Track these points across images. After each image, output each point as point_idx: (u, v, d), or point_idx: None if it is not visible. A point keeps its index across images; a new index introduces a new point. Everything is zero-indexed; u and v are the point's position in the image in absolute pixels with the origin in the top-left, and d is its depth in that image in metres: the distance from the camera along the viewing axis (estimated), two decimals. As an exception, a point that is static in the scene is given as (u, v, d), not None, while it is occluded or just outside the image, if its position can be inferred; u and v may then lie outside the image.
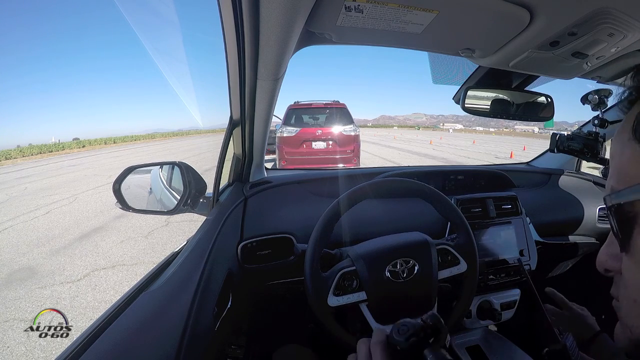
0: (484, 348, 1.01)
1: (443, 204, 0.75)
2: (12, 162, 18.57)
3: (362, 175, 1.10)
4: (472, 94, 0.90)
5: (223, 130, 0.87)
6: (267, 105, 0.74)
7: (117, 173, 0.81)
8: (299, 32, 0.52)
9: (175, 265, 0.64)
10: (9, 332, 1.98)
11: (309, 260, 0.67)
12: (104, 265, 2.84)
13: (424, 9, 0.49)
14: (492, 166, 1.30)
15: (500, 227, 1.03)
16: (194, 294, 0.55)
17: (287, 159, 5.34)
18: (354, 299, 0.67)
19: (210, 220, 0.81)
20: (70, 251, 3.21)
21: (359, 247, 0.74)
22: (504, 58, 0.67)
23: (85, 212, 4.69)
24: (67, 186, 7.16)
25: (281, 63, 0.59)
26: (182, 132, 60.72)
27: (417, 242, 0.73)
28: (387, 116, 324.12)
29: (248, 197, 0.94)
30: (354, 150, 5.47)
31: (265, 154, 1.01)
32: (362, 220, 0.91)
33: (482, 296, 1.01)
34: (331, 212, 0.70)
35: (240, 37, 0.51)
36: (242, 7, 0.44)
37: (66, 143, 30.64)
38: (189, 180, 0.86)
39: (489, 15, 0.52)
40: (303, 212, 0.94)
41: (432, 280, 0.69)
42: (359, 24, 0.54)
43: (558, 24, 0.52)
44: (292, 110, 5.64)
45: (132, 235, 3.58)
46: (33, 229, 4.00)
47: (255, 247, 0.84)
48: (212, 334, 0.57)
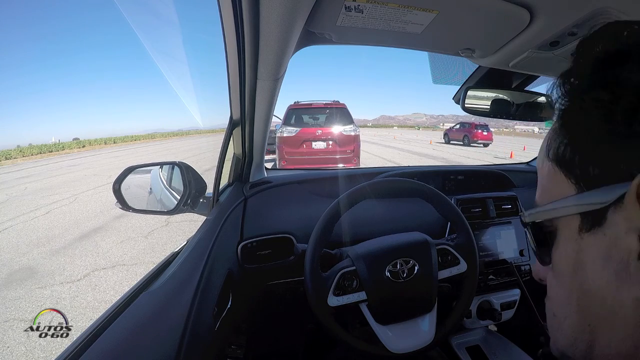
0: (484, 348, 1.01)
1: (443, 204, 0.75)
2: (12, 162, 18.57)
3: (362, 175, 1.10)
4: (472, 94, 0.90)
5: (223, 130, 0.87)
6: (267, 105, 0.74)
7: (117, 173, 0.80)
8: (299, 32, 0.52)
9: (175, 265, 0.64)
10: (9, 332, 1.98)
11: (309, 260, 0.67)
12: (104, 265, 2.84)
13: (424, 9, 0.49)
14: (492, 166, 1.30)
15: (500, 227, 1.03)
16: (194, 294, 0.55)
17: (287, 159, 5.34)
18: (354, 299, 0.67)
19: (210, 220, 0.81)
20: (70, 251, 3.21)
21: (359, 247, 0.74)
22: (504, 58, 0.67)
23: (85, 212, 4.69)
24: (67, 186, 7.16)
25: (281, 63, 0.59)
26: (182, 132, 60.70)
27: (417, 242, 0.73)
28: (387, 116, 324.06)
29: (248, 197, 0.94)
30: (354, 150, 5.47)
31: (265, 154, 1.01)
32: (362, 220, 0.91)
33: (482, 296, 1.01)
34: (331, 212, 0.70)
35: (240, 37, 0.51)
36: (242, 7, 0.44)
37: (66, 143, 30.64)
38: (189, 180, 0.86)
39: (489, 15, 0.52)
40: (303, 212, 0.94)
41: (432, 280, 0.69)
42: (359, 24, 0.54)
43: (558, 24, 0.52)
44: (292, 110, 5.64)
45: (132, 235, 3.58)
46: (33, 229, 4.00)
47: (255, 247, 0.84)
48: (212, 334, 0.57)
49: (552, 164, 0.25)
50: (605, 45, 0.22)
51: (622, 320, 0.21)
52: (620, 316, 0.21)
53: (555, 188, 0.25)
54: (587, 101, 0.22)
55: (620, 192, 0.20)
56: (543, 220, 0.26)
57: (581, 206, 0.22)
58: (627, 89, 0.20)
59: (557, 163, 0.25)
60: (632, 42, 0.21)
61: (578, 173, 0.23)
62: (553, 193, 0.25)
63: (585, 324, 0.24)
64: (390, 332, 0.67)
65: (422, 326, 0.69)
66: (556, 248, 0.26)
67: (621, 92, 0.20)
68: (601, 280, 0.22)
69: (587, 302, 0.23)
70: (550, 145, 0.25)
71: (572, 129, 0.24)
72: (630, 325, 0.20)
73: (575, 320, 0.24)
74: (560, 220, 0.25)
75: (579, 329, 0.24)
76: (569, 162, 0.23)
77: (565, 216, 0.24)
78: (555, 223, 0.25)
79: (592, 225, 0.22)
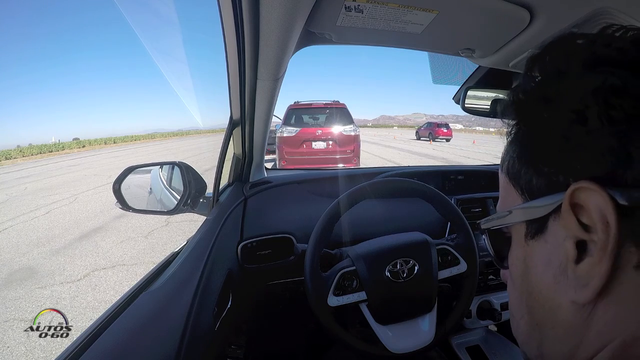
0: (484, 348, 1.01)
1: (443, 204, 0.75)
2: (12, 162, 18.57)
3: (362, 175, 1.10)
4: (472, 94, 0.90)
5: (223, 130, 0.87)
6: (267, 105, 0.74)
7: (117, 173, 0.80)
8: (299, 32, 0.52)
9: (175, 265, 0.64)
10: (9, 332, 1.98)
11: (309, 260, 0.67)
12: (104, 265, 2.83)
13: (424, 9, 0.49)
14: (492, 166, 1.30)
15: None
16: (194, 294, 0.55)
17: (287, 159, 5.33)
18: (354, 299, 0.67)
19: (210, 220, 0.81)
20: (70, 251, 3.21)
21: (359, 247, 0.74)
22: (504, 58, 0.67)
23: (85, 212, 4.69)
24: (67, 186, 7.16)
25: (281, 63, 0.59)
26: (182, 132, 60.68)
27: (417, 242, 0.73)
28: (387, 116, 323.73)
29: (248, 197, 0.94)
30: (354, 150, 5.47)
31: (265, 154, 1.01)
32: (362, 220, 0.91)
33: (482, 296, 1.01)
34: (331, 212, 0.70)
35: (240, 37, 0.51)
36: (242, 7, 0.44)
37: (66, 143, 30.65)
38: (189, 180, 0.86)
39: (489, 15, 0.52)
40: (303, 212, 0.94)
41: (432, 280, 0.69)
42: (359, 24, 0.54)
43: (558, 24, 0.52)
44: (292, 110, 5.63)
45: (132, 235, 3.58)
46: (33, 229, 4.00)
47: (255, 247, 0.84)
48: (212, 334, 0.57)
49: (504, 175, 0.27)
50: (551, 62, 0.23)
51: (561, 321, 0.22)
52: (560, 317, 0.22)
53: (508, 198, 0.26)
54: (530, 117, 0.24)
55: (558, 201, 0.21)
56: (497, 227, 0.28)
57: (526, 214, 0.24)
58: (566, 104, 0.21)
59: (507, 174, 0.26)
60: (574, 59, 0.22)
61: (523, 184, 0.24)
62: (507, 202, 0.27)
63: (534, 324, 0.25)
64: (390, 332, 0.67)
65: (422, 326, 0.69)
66: (510, 253, 0.27)
67: (560, 108, 0.21)
68: (543, 284, 0.23)
69: (533, 304, 0.25)
70: (504, 158, 0.27)
71: (519, 143, 0.25)
72: (569, 325, 0.22)
73: (527, 321, 0.26)
74: (511, 227, 0.27)
75: (531, 327, 0.26)
76: (516, 174, 0.25)
77: (514, 224, 0.26)
78: (510, 229, 0.27)
79: (536, 232, 0.23)
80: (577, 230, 0.20)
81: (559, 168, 0.21)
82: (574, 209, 0.20)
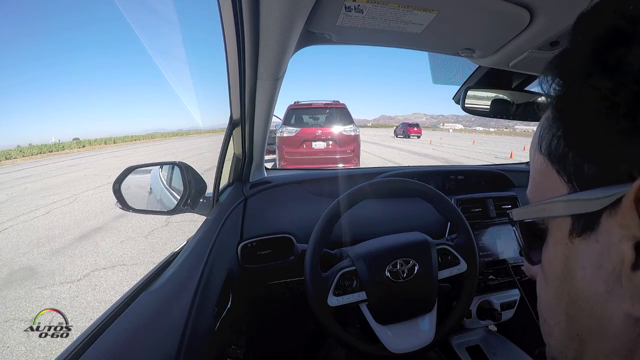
0: (484, 348, 1.01)
1: (443, 204, 0.75)
2: (12, 162, 18.57)
3: (362, 175, 1.10)
4: (472, 94, 0.90)
5: (223, 130, 0.87)
6: (267, 105, 0.74)
7: (117, 173, 0.80)
8: (299, 32, 0.52)
9: (175, 265, 0.64)
10: (9, 332, 1.98)
11: (309, 260, 0.67)
12: (104, 265, 2.84)
13: (424, 9, 0.49)
14: (492, 166, 1.30)
15: (500, 227, 1.03)
16: (194, 294, 0.55)
17: (287, 159, 5.33)
18: (354, 299, 0.67)
19: (210, 220, 0.81)
20: (70, 251, 3.21)
21: (359, 247, 0.74)
22: (504, 58, 0.67)
23: (85, 212, 4.69)
24: (67, 186, 7.16)
25: (281, 63, 0.59)
26: (182, 132, 60.70)
27: (417, 242, 0.73)
28: (387, 116, 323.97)
29: (248, 197, 0.94)
30: (354, 150, 5.47)
31: (265, 154, 1.01)
32: (362, 220, 0.91)
33: (482, 296, 1.01)
34: (331, 212, 0.70)
35: (240, 37, 0.51)
36: (242, 7, 0.44)
37: (66, 143, 30.65)
38: (189, 180, 0.86)
39: (489, 15, 0.52)
40: (303, 212, 0.94)
41: (432, 280, 0.69)
42: (359, 24, 0.54)
43: (558, 24, 0.52)
44: (292, 110, 5.63)
45: (132, 235, 3.58)
46: (33, 229, 4.00)
47: (255, 247, 0.84)
48: (212, 334, 0.57)
49: (543, 157, 0.22)
50: (608, 21, 0.18)
51: (610, 335, 0.19)
52: (609, 330, 0.19)
53: (546, 184, 0.22)
54: (584, 88, 0.19)
55: (617, 195, 0.17)
56: (533, 219, 0.25)
57: (573, 208, 0.20)
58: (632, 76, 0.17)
59: (549, 157, 0.22)
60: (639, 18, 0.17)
61: (571, 170, 0.20)
62: (544, 190, 0.23)
63: (574, 333, 0.22)
64: (390, 332, 0.67)
65: (422, 326, 0.69)
66: (546, 249, 0.24)
67: (624, 79, 0.17)
68: (590, 291, 0.20)
69: (575, 312, 0.21)
70: (542, 136, 0.23)
71: (566, 119, 0.21)
72: (619, 341, 0.19)
73: (564, 328, 0.23)
74: (551, 221, 0.23)
75: (568, 337, 0.23)
76: (561, 157, 0.21)
77: (555, 217, 0.22)
78: (546, 222, 0.24)
79: (584, 229, 0.20)
80: (638, 231, 0.17)
81: (622, 155, 0.17)
82: (637, 205, 0.16)
